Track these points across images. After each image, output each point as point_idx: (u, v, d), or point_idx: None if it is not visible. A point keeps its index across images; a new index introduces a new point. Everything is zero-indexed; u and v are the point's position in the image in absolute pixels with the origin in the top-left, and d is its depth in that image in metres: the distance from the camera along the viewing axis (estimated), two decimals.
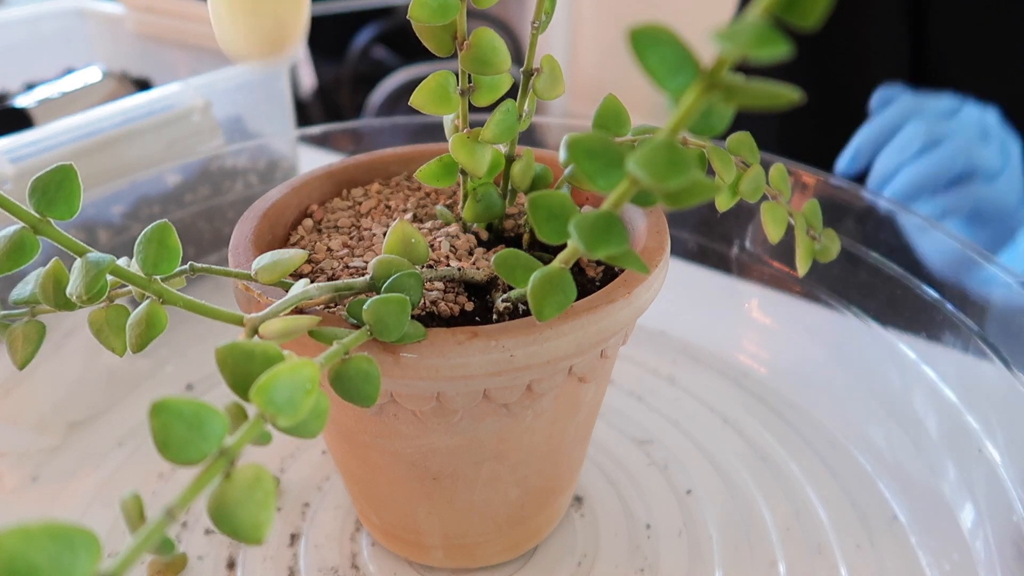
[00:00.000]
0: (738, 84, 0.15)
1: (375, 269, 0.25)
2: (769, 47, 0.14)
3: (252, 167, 0.55)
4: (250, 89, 0.56)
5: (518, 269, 0.22)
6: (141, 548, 0.15)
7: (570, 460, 0.33)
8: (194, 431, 0.16)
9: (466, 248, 0.29)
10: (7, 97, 0.59)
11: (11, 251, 0.22)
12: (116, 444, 0.41)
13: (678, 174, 0.16)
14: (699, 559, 0.34)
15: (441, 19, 0.25)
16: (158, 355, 0.47)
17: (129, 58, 0.67)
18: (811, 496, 0.38)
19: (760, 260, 0.49)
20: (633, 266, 0.20)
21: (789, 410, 0.43)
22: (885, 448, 0.40)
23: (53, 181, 0.23)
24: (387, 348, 0.23)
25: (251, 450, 0.17)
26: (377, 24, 1.72)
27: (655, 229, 0.29)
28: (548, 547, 0.35)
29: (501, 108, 0.27)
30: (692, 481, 0.38)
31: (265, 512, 0.16)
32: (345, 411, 0.28)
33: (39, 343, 0.26)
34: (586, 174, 0.18)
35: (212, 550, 0.35)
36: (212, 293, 0.53)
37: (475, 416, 0.27)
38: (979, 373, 0.37)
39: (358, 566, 0.34)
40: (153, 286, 0.23)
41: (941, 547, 0.35)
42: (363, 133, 0.58)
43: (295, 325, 0.22)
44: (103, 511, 0.37)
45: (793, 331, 0.48)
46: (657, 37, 0.15)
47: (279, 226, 0.32)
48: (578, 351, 0.25)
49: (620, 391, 0.44)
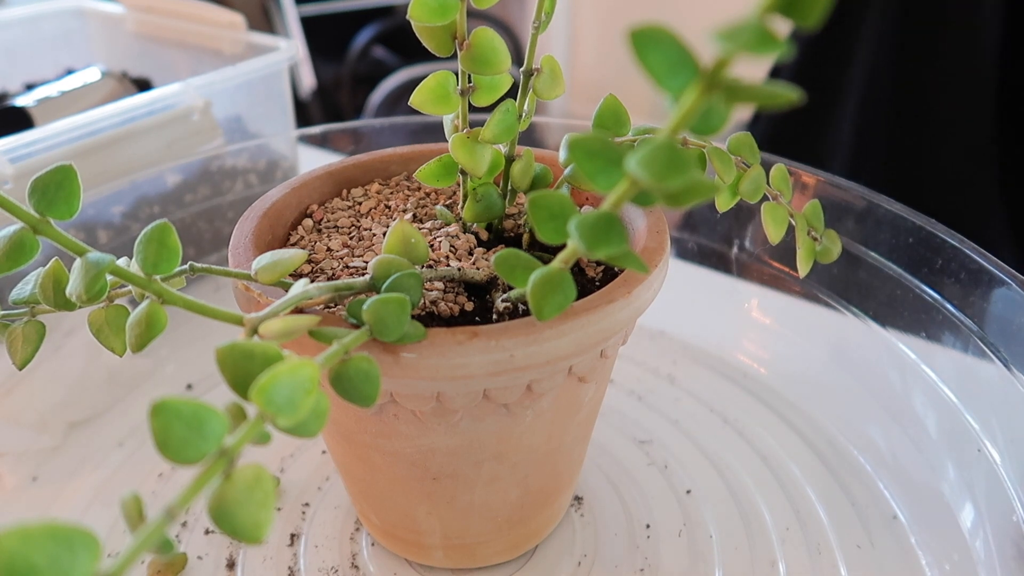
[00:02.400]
0: (738, 84, 0.15)
1: (375, 269, 0.25)
2: (769, 47, 0.14)
3: (252, 167, 0.55)
4: (250, 89, 0.56)
5: (518, 269, 0.22)
6: (141, 548, 0.15)
7: (570, 460, 0.33)
8: (194, 431, 0.16)
9: (466, 248, 0.29)
10: (7, 97, 0.59)
11: (11, 251, 0.22)
12: (116, 444, 0.41)
13: (678, 174, 0.16)
14: (699, 559, 0.34)
15: (440, 19, 0.25)
16: (158, 355, 0.47)
17: (129, 58, 0.67)
18: (811, 496, 0.38)
19: (760, 260, 0.49)
20: (633, 266, 0.20)
21: (789, 410, 0.43)
22: (885, 448, 0.40)
23: (53, 181, 0.23)
24: (387, 348, 0.23)
25: (251, 450, 0.17)
26: (377, 24, 1.72)
27: (655, 229, 0.29)
28: (548, 547, 0.35)
29: (501, 108, 0.27)
30: (692, 481, 0.38)
31: (265, 512, 0.16)
32: (345, 411, 0.28)
33: (39, 343, 0.26)
34: (586, 174, 0.18)
35: (212, 550, 0.35)
36: (212, 293, 0.53)
37: (475, 416, 0.27)
38: (979, 373, 0.37)
39: (358, 566, 0.34)
40: (153, 286, 0.23)
41: (941, 547, 0.35)
42: (363, 133, 0.58)
43: (295, 325, 0.22)
44: (103, 511, 0.37)
45: (793, 331, 0.48)
46: (657, 37, 0.15)
47: (279, 226, 0.32)
48: (578, 351, 0.25)
49: (620, 391, 0.44)
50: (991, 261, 0.37)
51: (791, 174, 0.47)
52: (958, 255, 0.39)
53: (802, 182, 0.47)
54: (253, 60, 0.54)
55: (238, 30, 0.60)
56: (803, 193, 0.47)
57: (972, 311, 0.38)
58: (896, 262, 0.42)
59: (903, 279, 0.42)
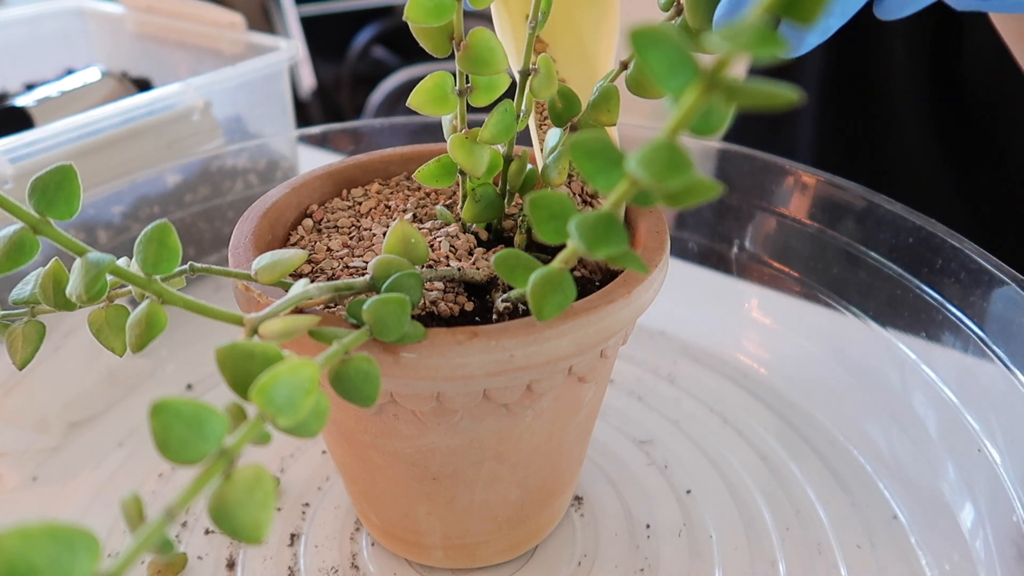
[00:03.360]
0: (738, 84, 0.15)
1: (375, 269, 0.25)
2: (769, 47, 0.14)
3: (252, 167, 0.55)
4: (250, 89, 0.56)
5: (518, 269, 0.22)
6: (141, 548, 0.15)
7: (570, 460, 0.33)
8: (194, 431, 0.16)
9: (466, 248, 0.29)
10: (7, 97, 0.59)
11: (11, 251, 0.22)
12: (116, 444, 0.41)
13: (678, 174, 0.16)
14: (699, 559, 0.34)
15: (436, 20, 0.25)
16: (158, 355, 0.47)
17: (129, 58, 0.67)
18: (811, 496, 0.38)
19: (760, 260, 0.49)
20: (633, 266, 0.20)
21: (789, 410, 0.43)
22: (885, 448, 0.40)
23: (53, 181, 0.23)
24: (387, 348, 0.23)
25: (251, 450, 0.17)
26: (377, 24, 1.72)
27: (655, 229, 0.29)
28: (548, 547, 0.35)
29: (499, 108, 0.27)
30: (692, 481, 0.38)
31: (265, 512, 0.16)
32: (345, 411, 0.28)
33: (39, 343, 0.26)
34: (586, 174, 0.18)
35: (212, 550, 0.35)
36: (212, 293, 0.53)
37: (475, 416, 0.27)
38: (979, 373, 0.37)
39: (358, 566, 0.34)
40: (153, 286, 0.23)
41: (941, 547, 0.35)
42: (363, 133, 0.58)
43: (295, 325, 0.22)
44: (103, 511, 0.37)
45: (793, 331, 0.48)
46: (657, 37, 0.15)
47: (279, 226, 0.32)
48: (578, 351, 0.25)
49: (620, 391, 0.44)
50: (991, 261, 0.37)
51: (790, 174, 0.48)
52: (958, 255, 0.39)
53: (802, 182, 0.47)
54: (253, 60, 0.54)
55: (238, 30, 0.60)
56: (803, 193, 0.47)
57: (972, 311, 0.38)
58: (896, 262, 0.42)
59: (903, 279, 0.42)
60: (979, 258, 0.38)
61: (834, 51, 0.62)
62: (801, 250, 0.47)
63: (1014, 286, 0.36)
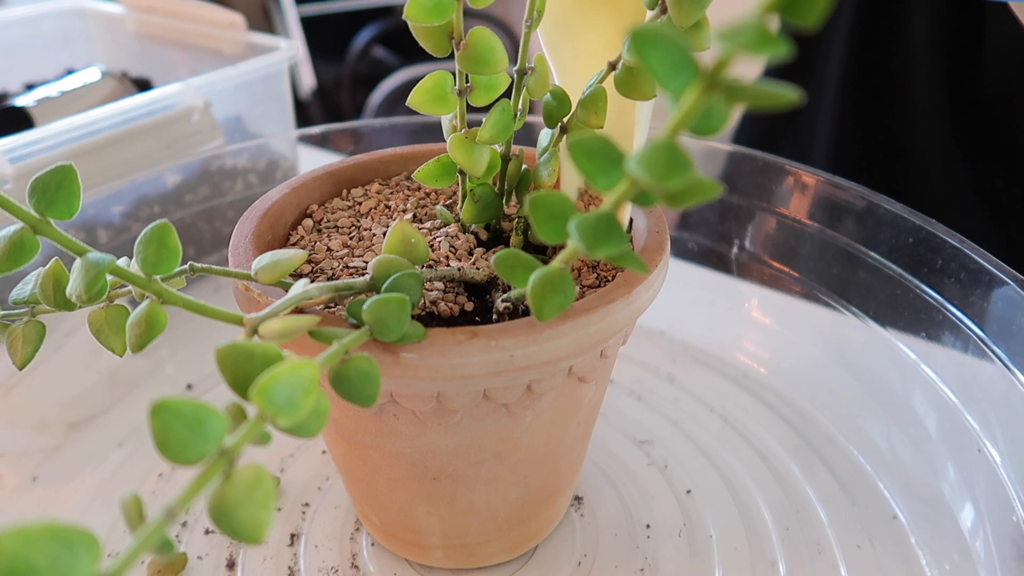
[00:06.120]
0: (739, 84, 0.15)
1: (375, 269, 0.25)
2: (769, 47, 0.14)
3: (252, 167, 0.55)
4: (250, 89, 0.56)
5: (518, 269, 0.22)
6: (141, 548, 0.15)
7: (570, 460, 0.33)
8: (194, 431, 0.16)
9: (466, 248, 0.29)
10: (7, 97, 0.59)
11: (11, 251, 0.22)
12: (116, 444, 0.41)
13: (678, 174, 0.16)
14: (699, 559, 0.34)
15: (436, 19, 0.25)
16: (158, 355, 0.47)
17: (129, 58, 0.67)
18: (811, 496, 0.38)
19: (760, 260, 0.49)
20: (633, 266, 0.20)
21: (789, 410, 0.43)
22: (885, 448, 0.40)
23: (53, 181, 0.23)
24: (387, 348, 0.23)
25: (251, 450, 0.17)
26: (377, 24, 1.72)
27: (655, 229, 0.29)
28: (548, 547, 0.35)
29: (497, 108, 0.27)
30: (692, 481, 0.38)
31: (265, 512, 0.16)
32: (345, 411, 0.28)
33: (39, 343, 0.26)
34: (586, 174, 0.18)
35: (212, 550, 0.35)
36: (212, 293, 0.53)
37: (475, 416, 0.27)
38: (979, 373, 0.37)
39: (358, 566, 0.34)
40: (153, 286, 0.23)
41: (941, 547, 0.35)
42: (363, 133, 0.58)
43: (295, 325, 0.22)
44: (103, 511, 0.37)
45: (793, 331, 0.48)
46: (658, 37, 0.15)
47: (279, 226, 0.32)
48: (578, 351, 0.25)
49: (620, 391, 0.44)
50: (991, 261, 0.37)
51: (790, 174, 0.48)
52: (958, 255, 0.39)
53: (802, 182, 0.47)
54: (253, 60, 0.54)
55: (238, 30, 0.60)
56: (803, 193, 0.47)
57: (972, 311, 0.38)
58: (896, 262, 0.42)
59: (903, 279, 0.42)
60: (979, 258, 0.38)
61: (854, 47, 0.62)
62: (801, 250, 0.47)
63: (1014, 286, 0.36)
